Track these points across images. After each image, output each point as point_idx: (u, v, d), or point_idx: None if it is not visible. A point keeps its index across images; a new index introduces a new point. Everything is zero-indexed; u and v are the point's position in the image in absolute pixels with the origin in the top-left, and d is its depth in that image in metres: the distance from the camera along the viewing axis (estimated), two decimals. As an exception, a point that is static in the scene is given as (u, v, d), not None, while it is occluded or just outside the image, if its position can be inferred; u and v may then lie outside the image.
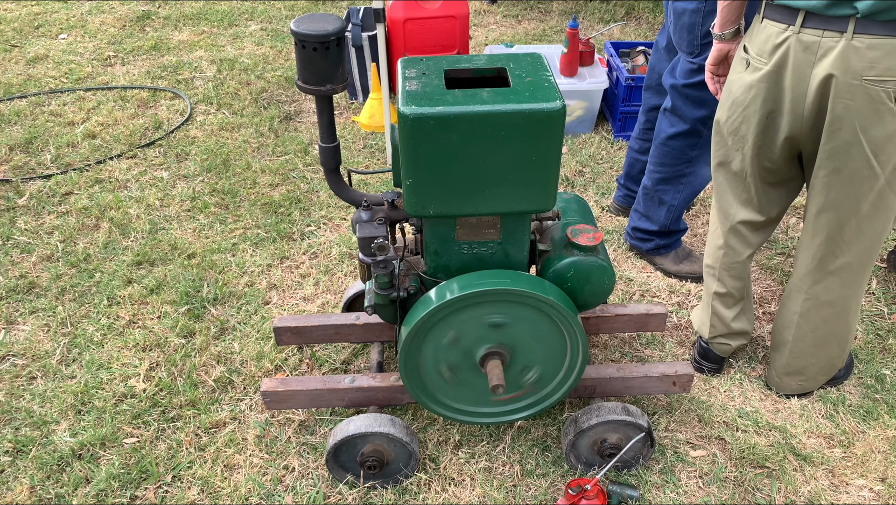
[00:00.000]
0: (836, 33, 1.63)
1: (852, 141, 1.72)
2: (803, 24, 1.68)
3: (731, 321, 2.24)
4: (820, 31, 1.65)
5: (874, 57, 1.60)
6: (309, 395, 2.00)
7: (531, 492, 1.99)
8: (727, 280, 2.19)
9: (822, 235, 1.92)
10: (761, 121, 1.86)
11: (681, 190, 2.64)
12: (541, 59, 1.73)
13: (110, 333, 2.48)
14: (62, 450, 2.08)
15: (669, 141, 2.57)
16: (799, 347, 2.14)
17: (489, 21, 5.16)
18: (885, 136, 1.69)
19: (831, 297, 2.01)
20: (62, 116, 3.84)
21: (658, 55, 2.76)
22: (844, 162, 1.76)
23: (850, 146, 1.73)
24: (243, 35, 4.88)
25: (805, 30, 1.68)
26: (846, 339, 2.13)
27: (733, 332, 2.26)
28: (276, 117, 3.82)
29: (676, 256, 2.78)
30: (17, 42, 4.76)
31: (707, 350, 2.32)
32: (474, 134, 1.54)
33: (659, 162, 2.64)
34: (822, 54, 1.67)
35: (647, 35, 4.83)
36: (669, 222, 2.71)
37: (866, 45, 1.60)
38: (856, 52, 1.62)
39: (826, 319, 2.06)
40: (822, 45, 1.66)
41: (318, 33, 1.60)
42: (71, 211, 3.10)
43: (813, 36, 1.67)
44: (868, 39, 1.60)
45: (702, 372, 2.35)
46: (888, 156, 1.72)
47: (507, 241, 1.79)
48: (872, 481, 2.01)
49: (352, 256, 2.84)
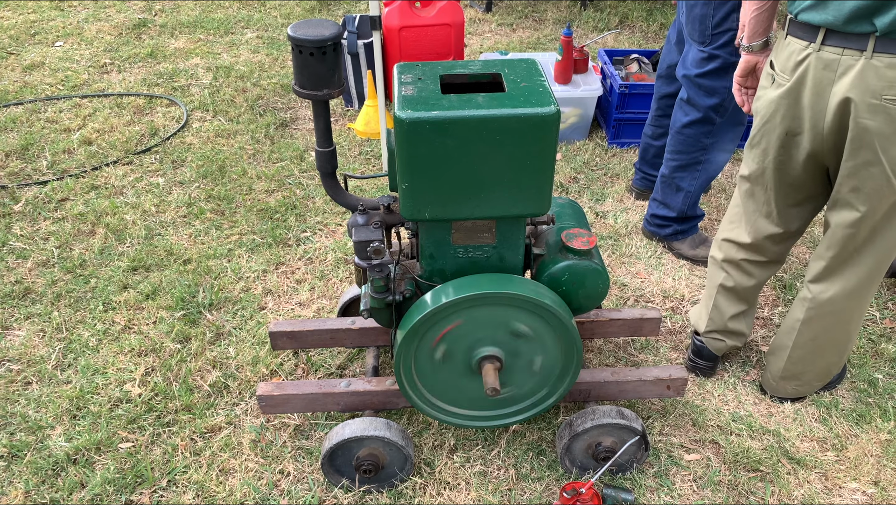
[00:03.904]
0: (855, 51, 1.62)
1: (873, 160, 1.71)
2: (823, 42, 1.67)
3: (729, 319, 2.24)
4: (840, 48, 1.65)
5: (894, 76, 1.60)
6: (304, 399, 2.00)
7: (526, 496, 1.99)
8: (736, 276, 2.18)
9: (837, 248, 1.92)
10: (781, 137, 1.87)
11: (697, 176, 2.77)
12: (535, 65, 1.74)
13: (106, 339, 2.48)
14: (57, 454, 2.07)
15: (684, 129, 2.69)
16: (798, 354, 2.14)
17: (484, 29, 5.19)
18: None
19: (836, 307, 2.01)
20: (58, 123, 3.85)
21: (669, 47, 2.90)
22: (865, 180, 1.76)
23: (870, 165, 1.72)
24: (239, 43, 4.90)
25: (825, 47, 1.67)
26: (845, 348, 2.13)
27: (729, 330, 2.26)
28: (271, 124, 3.83)
29: (693, 242, 2.91)
30: (14, 49, 4.77)
31: (701, 348, 2.32)
32: (470, 138, 1.55)
33: (675, 150, 2.76)
34: (841, 72, 1.66)
35: (641, 43, 4.87)
36: (687, 208, 2.83)
37: (886, 63, 1.59)
38: (875, 70, 1.61)
39: (828, 328, 2.06)
40: (842, 62, 1.65)
41: (314, 38, 1.61)
42: (67, 217, 3.10)
43: (833, 54, 1.66)
44: (888, 58, 1.59)
45: (696, 371, 2.35)
46: None
47: (503, 244, 1.80)
48: (865, 484, 2.03)
49: (347, 261, 2.85)
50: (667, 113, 2.96)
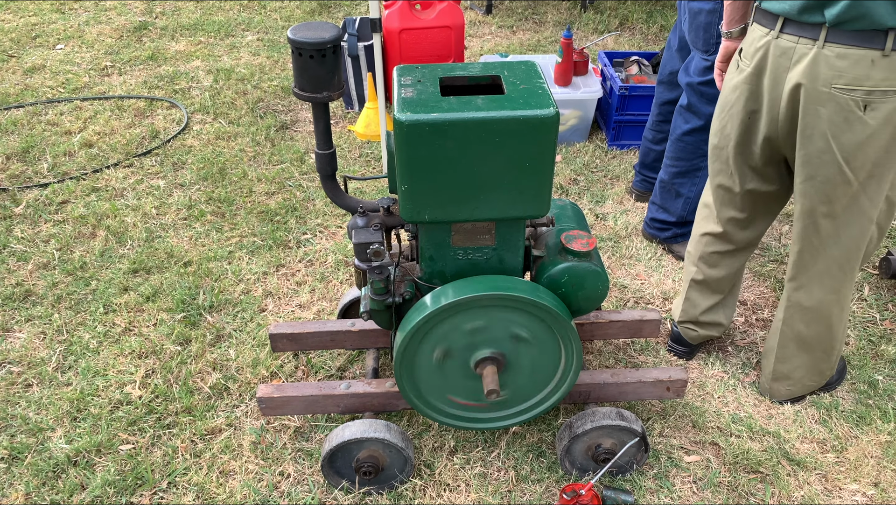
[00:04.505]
0: (809, 40, 1.68)
1: (824, 148, 1.76)
2: (782, 30, 1.73)
3: (702, 311, 2.29)
4: (796, 37, 1.70)
5: (843, 66, 1.64)
6: (304, 401, 2.01)
7: (526, 497, 1.99)
8: (704, 269, 2.24)
9: (802, 241, 1.96)
10: (744, 121, 1.92)
11: (696, 183, 2.77)
12: (535, 67, 1.75)
13: (106, 341, 2.49)
14: (58, 456, 2.08)
15: (685, 137, 2.69)
16: (783, 353, 2.17)
17: (484, 31, 5.19)
18: (856, 144, 1.73)
19: (812, 302, 2.04)
20: (59, 126, 3.86)
21: (670, 54, 2.89)
22: (818, 168, 1.80)
23: (822, 153, 1.77)
24: (240, 45, 4.91)
25: (783, 35, 1.73)
26: (832, 345, 2.14)
27: (702, 322, 2.32)
28: (272, 126, 3.84)
29: None
30: (15, 52, 4.78)
31: (678, 334, 2.39)
32: (469, 140, 1.56)
33: (675, 157, 2.76)
34: (796, 60, 1.71)
35: (641, 45, 4.88)
36: (686, 213, 2.84)
37: (836, 53, 1.64)
38: (826, 60, 1.66)
39: (808, 324, 2.09)
40: (796, 51, 1.71)
41: (314, 41, 1.62)
42: (67, 219, 3.10)
43: (789, 42, 1.72)
44: (838, 49, 1.64)
45: (674, 354, 2.44)
46: (860, 163, 1.76)
47: (502, 246, 1.80)
48: (865, 486, 2.03)
49: (347, 263, 2.86)
50: (667, 119, 2.96)
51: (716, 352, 2.46)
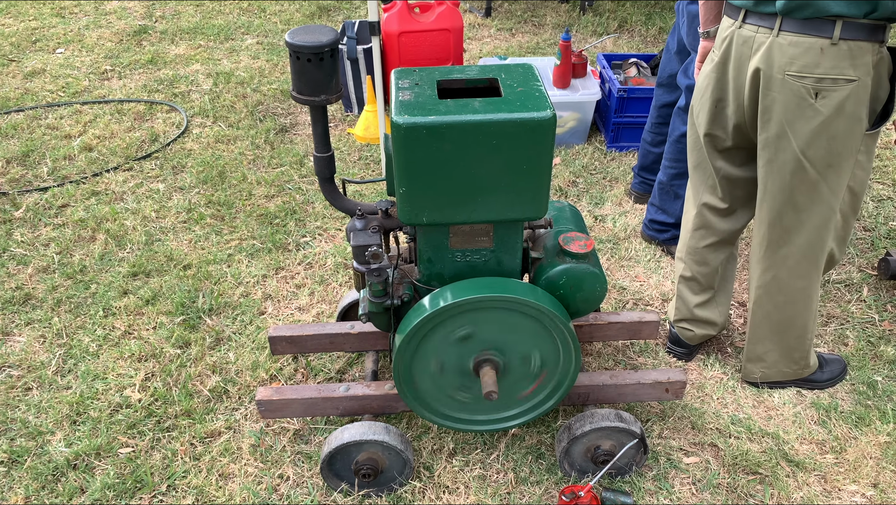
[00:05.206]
0: (767, 30, 1.77)
1: (780, 133, 1.83)
2: (744, 20, 1.83)
3: (695, 307, 2.31)
4: (755, 27, 1.80)
5: (794, 53, 1.73)
6: (304, 403, 2.01)
7: (525, 499, 1.99)
8: (691, 265, 2.28)
9: (766, 225, 2.02)
10: (711, 109, 2.00)
11: None
12: (532, 70, 1.75)
13: (106, 344, 2.49)
14: (57, 460, 2.08)
15: (683, 138, 2.69)
16: (756, 334, 2.23)
17: (483, 34, 5.20)
18: (810, 132, 1.80)
19: (780, 285, 2.10)
20: (59, 130, 3.86)
21: (669, 56, 2.90)
22: (775, 153, 1.88)
23: (779, 138, 1.85)
24: (240, 49, 4.92)
25: (745, 25, 1.82)
26: (803, 331, 2.19)
27: (697, 318, 2.33)
28: (271, 129, 3.84)
29: None
30: (15, 56, 4.79)
31: (677, 335, 2.40)
32: (466, 143, 1.56)
33: (674, 158, 2.77)
34: (756, 48, 1.80)
35: (640, 47, 4.88)
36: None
37: (788, 41, 1.74)
38: (780, 47, 1.75)
39: (778, 307, 2.14)
40: (756, 39, 1.80)
41: (312, 44, 1.62)
42: (67, 223, 3.11)
43: (750, 31, 1.81)
44: (790, 37, 1.73)
45: (674, 356, 2.44)
46: (817, 153, 1.83)
47: (500, 248, 1.81)
48: (864, 487, 2.03)
49: (346, 266, 2.86)
50: (666, 121, 2.97)
51: (715, 353, 2.47)
